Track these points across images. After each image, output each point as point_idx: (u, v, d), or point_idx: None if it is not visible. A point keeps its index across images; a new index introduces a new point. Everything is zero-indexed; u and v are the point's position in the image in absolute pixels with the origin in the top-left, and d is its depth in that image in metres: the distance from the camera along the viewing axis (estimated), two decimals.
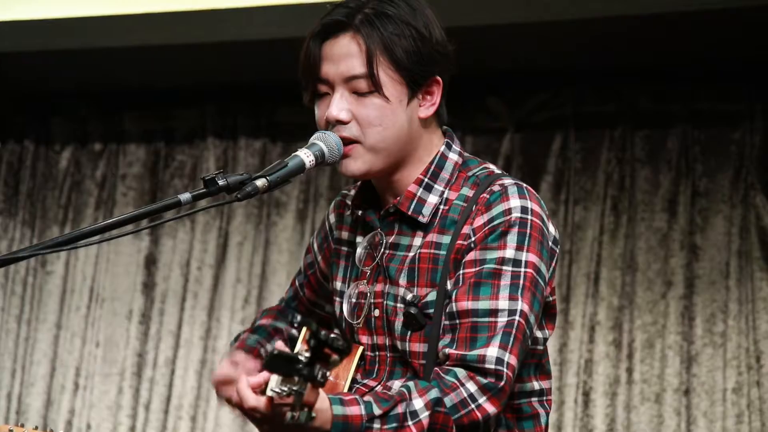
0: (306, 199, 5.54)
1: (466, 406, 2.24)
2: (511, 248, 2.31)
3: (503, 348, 2.26)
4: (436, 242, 2.38)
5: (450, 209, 2.39)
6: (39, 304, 5.86)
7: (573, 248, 5.05)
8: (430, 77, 2.39)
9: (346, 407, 2.17)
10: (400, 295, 2.38)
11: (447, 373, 2.26)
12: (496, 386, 2.25)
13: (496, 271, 2.30)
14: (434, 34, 2.39)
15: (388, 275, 2.41)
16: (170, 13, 4.96)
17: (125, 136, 5.88)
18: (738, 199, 4.90)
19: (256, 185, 2.26)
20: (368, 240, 2.48)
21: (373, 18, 2.36)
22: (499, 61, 4.89)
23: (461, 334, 2.28)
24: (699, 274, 4.89)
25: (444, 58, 2.41)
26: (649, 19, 4.46)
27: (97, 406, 5.65)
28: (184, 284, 5.65)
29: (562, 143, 5.17)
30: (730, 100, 4.96)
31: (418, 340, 2.36)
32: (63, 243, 2.21)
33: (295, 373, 1.96)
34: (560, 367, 4.95)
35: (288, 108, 5.51)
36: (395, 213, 2.43)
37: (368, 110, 2.35)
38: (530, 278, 2.31)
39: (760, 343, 4.75)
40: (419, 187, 2.42)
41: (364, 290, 2.46)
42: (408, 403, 2.21)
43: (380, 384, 2.40)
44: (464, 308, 2.29)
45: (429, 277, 2.36)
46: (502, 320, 2.27)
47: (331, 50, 2.38)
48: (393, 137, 2.37)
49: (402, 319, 2.37)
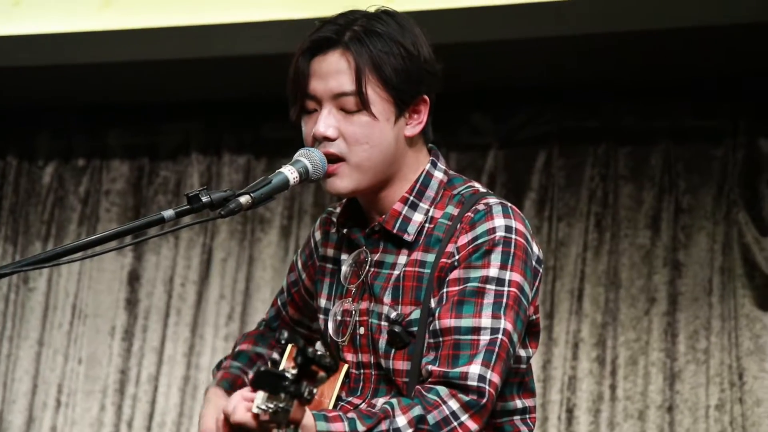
0: (290, 216, 5.54)
1: (448, 423, 2.24)
2: (494, 267, 2.31)
3: (486, 365, 2.26)
4: (421, 260, 2.37)
5: (435, 227, 2.39)
6: (21, 320, 5.83)
7: (556, 264, 5.05)
8: (418, 96, 2.39)
9: (330, 423, 2.17)
10: (384, 313, 2.38)
11: (429, 391, 2.26)
12: (478, 403, 2.25)
13: (479, 289, 2.30)
14: (422, 53, 2.39)
15: (372, 293, 2.41)
16: (154, 29, 4.96)
17: (109, 152, 5.86)
18: (721, 215, 4.92)
19: (239, 202, 2.25)
20: (353, 258, 2.47)
21: (363, 35, 2.35)
22: (484, 78, 4.90)
23: (444, 351, 2.28)
24: (682, 290, 4.90)
25: (432, 76, 2.41)
26: (633, 35, 4.48)
27: (79, 424, 5.62)
28: (167, 301, 5.64)
29: (545, 160, 5.18)
30: (712, 116, 4.98)
31: (402, 358, 2.35)
32: (45, 259, 2.20)
33: (281, 390, 1.96)
34: (544, 383, 4.95)
35: (272, 124, 5.52)
36: (380, 231, 2.43)
37: (355, 128, 2.35)
38: (514, 297, 2.31)
39: (742, 360, 4.76)
40: (404, 205, 2.41)
41: (349, 308, 2.45)
42: (391, 421, 2.21)
43: (365, 402, 2.39)
44: (447, 326, 2.29)
45: (413, 295, 2.36)
46: (484, 338, 2.27)
47: (320, 67, 2.37)
48: (379, 155, 2.37)
49: (386, 337, 2.37)
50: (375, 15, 2.40)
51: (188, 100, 5.63)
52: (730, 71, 4.81)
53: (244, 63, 4.97)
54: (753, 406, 4.72)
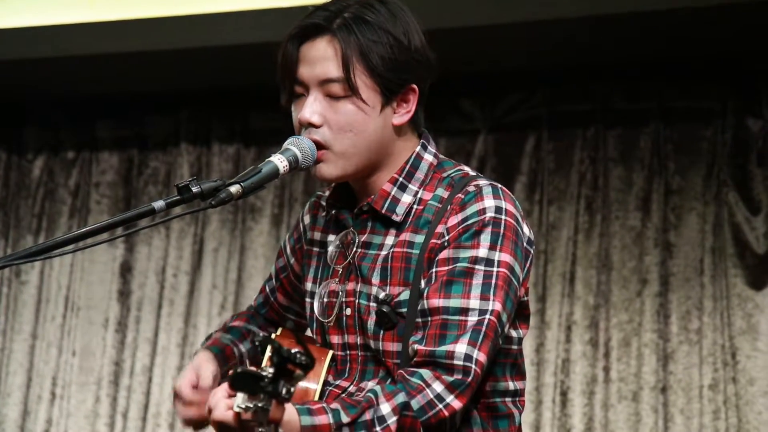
0: (281, 204, 5.54)
1: (433, 407, 2.24)
2: (484, 247, 2.31)
3: (472, 345, 2.26)
4: (410, 241, 2.37)
5: (424, 209, 2.39)
6: (14, 314, 5.83)
7: (548, 248, 5.06)
8: (406, 85, 2.39)
9: (314, 417, 2.16)
10: (373, 294, 2.37)
11: (412, 375, 2.25)
12: (464, 382, 2.25)
13: (468, 269, 2.30)
14: (413, 42, 2.38)
15: (360, 274, 2.40)
16: (142, 20, 4.95)
17: (98, 144, 5.86)
18: (711, 196, 4.93)
19: (230, 192, 2.25)
20: (340, 238, 2.47)
21: (351, 23, 2.35)
22: (472, 63, 4.89)
23: (431, 330, 2.28)
24: (673, 271, 4.92)
25: (422, 66, 2.40)
26: (620, 17, 4.48)
27: (74, 416, 5.63)
28: (160, 291, 5.64)
29: (535, 144, 5.19)
30: (701, 97, 4.99)
31: (392, 339, 2.35)
32: (37, 253, 2.19)
33: (259, 390, 1.97)
34: (537, 366, 4.97)
35: (261, 113, 5.51)
36: (369, 211, 2.43)
37: (340, 116, 2.35)
38: (503, 277, 2.31)
39: (735, 340, 4.78)
40: (393, 186, 2.41)
41: (335, 289, 2.45)
42: (375, 409, 2.20)
43: (353, 384, 2.40)
44: (435, 306, 2.29)
45: (402, 276, 2.36)
46: (472, 319, 2.27)
47: (308, 53, 2.37)
48: (364, 143, 2.37)
49: (375, 318, 2.36)
50: (367, 3, 2.39)
51: (176, 91, 5.62)
52: (717, 52, 4.81)
53: (232, 52, 4.96)
54: (746, 385, 4.74)
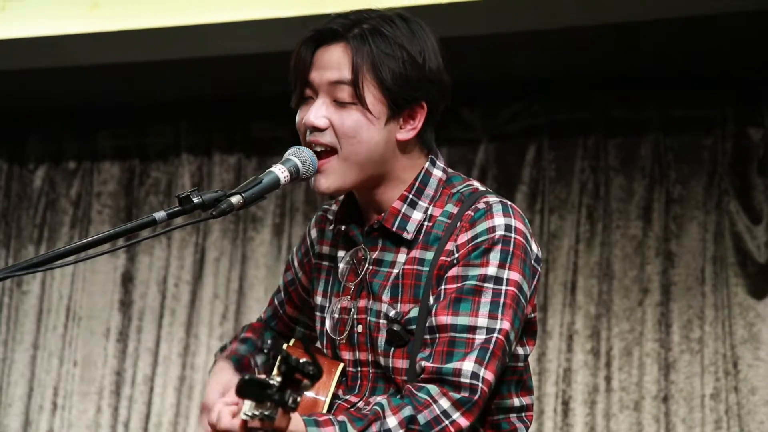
0: (282, 214, 5.54)
1: (439, 422, 2.23)
2: (493, 266, 2.30)
3: (479, 363, 2.25)
4: (420, 258, 2.37)
5: (434, 226, 2.39)
6: (15, 324, 5.83)
7: (549, 257, 5.06)
8: (414, 102, 2.38)
9: (321, 428, 2.17)
10: (383, 312, 2.37)
11: (420, 390, 2.25)
12: (470, 400, 2.25)
13: (477, 287, 2.29)
14: (429, 62, 2.38)
15: (371, 291, 2.40)
16: (143, 31, 4.95)
17: (99, 154, 5.86)
18: (712, 205, 4.93)
19: (231, 202, 2.25)
20: (351, 255, 2.46)
21: (368, 34, 2.35)
22: (473, 72, 4.90)
23: (438, 347, 2.28)
24: (675, 280, 4.92)
25: (434, 87, 2.40)
26: (620, 27, 4.49)
27: (76, 426, 5.62)
28: (161, 301, 5.64)
29: (536, 153, 5.19)
30: (702, 106, 4.99)
31: (401, 356, 2.35)
32: (38, 264, 2.19)
33: (266, 398, 1.97)
34: (539, 376, 4.96)
35: (262, 123, 5.51)
36: (379, 229, 2.43)
37: (345, 120, 2.35)
38: (512, 296, 2.30)
39: (736, 349, 4.78)
40: (404, 203, 2.41)
41: (347, 306, 2.45)
42: (382, 422, 2.21)
43: (362, 400, 2.39)
44: (443, 323, 2.29)
45: (412, 293, 2.35)
46: (480, 337, 2.27)
47: (321, 57, 2.38)
48: (365, 153, 2.36)
49: (385, 335, 2.36)
50: (387, 17, 2.40)
51: (177, 101, 5.62)
52: (717, 61, 4.82)
53: (233, 62, 4.96)
54: (748, 394, 4.74)
